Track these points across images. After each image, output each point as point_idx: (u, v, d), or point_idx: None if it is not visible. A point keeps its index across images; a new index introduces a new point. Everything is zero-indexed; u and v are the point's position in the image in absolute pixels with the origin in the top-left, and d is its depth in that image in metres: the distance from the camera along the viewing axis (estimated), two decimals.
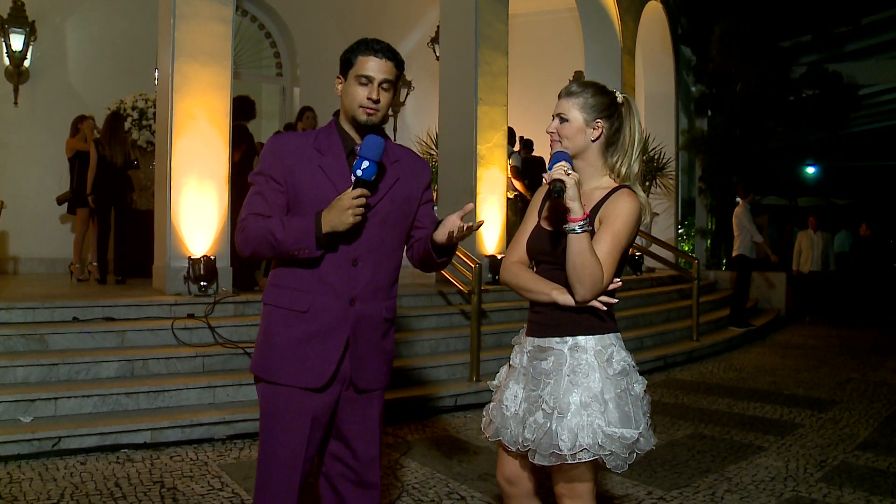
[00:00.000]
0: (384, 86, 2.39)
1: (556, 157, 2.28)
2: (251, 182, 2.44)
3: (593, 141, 2.39)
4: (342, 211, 2.24)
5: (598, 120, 2.37)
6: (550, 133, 2.41)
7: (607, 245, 2.26)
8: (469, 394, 5.92)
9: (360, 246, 2.40)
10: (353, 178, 2.28)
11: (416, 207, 2.55)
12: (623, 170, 2.40)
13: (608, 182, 2.41)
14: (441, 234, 2.37)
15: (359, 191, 2.24)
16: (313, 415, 2.41)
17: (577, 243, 2.18)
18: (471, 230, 2.32)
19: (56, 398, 4.75)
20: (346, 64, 2.42)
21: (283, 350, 2.39)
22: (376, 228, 2.41)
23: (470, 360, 6.14)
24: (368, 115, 2.37)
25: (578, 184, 2.19)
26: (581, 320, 2.31)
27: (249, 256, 2.45)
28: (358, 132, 2.43)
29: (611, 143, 2.41)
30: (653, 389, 6.64)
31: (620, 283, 2.32)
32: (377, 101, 2.37)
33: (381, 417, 2.58)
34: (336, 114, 2.56)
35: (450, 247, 2.43)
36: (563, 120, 2.38)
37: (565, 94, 2.41)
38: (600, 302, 2.26)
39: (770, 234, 14.27)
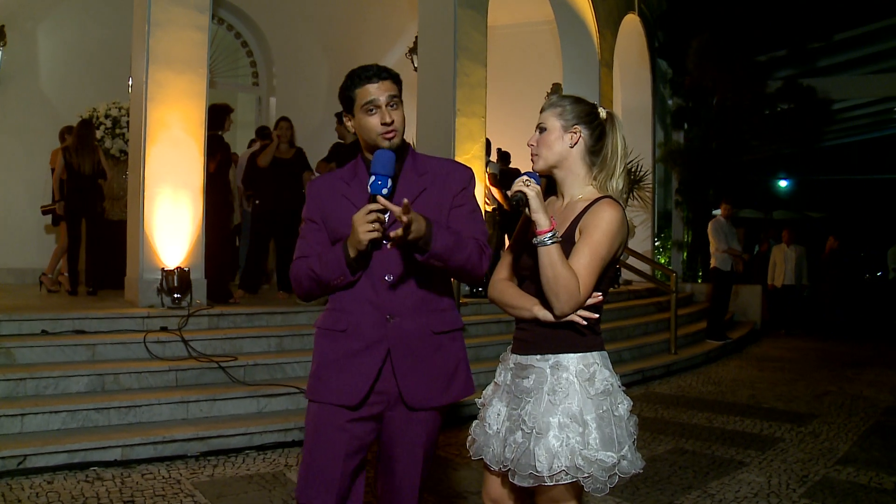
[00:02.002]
0: (392, 104, 2.38)
1: (525, 174, 2.23)
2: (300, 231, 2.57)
3: (572, 147, 2.33)
4: (355, 230, 2.25)
5: (576, 126, 2.33)
6: (530, 146, 2.38)
7: (585, 257, 2.18)
8: None
9: (392, 261, 2.39)
10: (372, 193, 2.28)
11: (447, 213, 2.44)
12: (609, 185, 2.35)
13: (591, 192, 2.34)
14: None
15: (367, 206, 2.24)
16: (352, 433, 2.40)
17: (546, 256, 2.13)
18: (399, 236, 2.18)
19: (23, 414, 4.59)
20: (348, 101, 2.42)
21: (325, 369, 2.44)
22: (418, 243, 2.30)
23: None
24: (389, 139, 2.36)
25: (539, 195, 2.14)
26: (563, 337, 2.24)
27: (305, 296, 2.51)
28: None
29: (592, 151, 2.35)
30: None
31: (601, 298, 2.25)
32: (391, 123, 2.36)
33: (428, 441, 2.50)
34: (359, 149, 2.54)
35: (413, 243, 2.24)
36: (542, 130, 2.36)
37: (546, 106, 2.40)
38: (579, 316, 2.19)
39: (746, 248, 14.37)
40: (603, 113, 2.38)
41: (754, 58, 13.20)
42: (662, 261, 13.90)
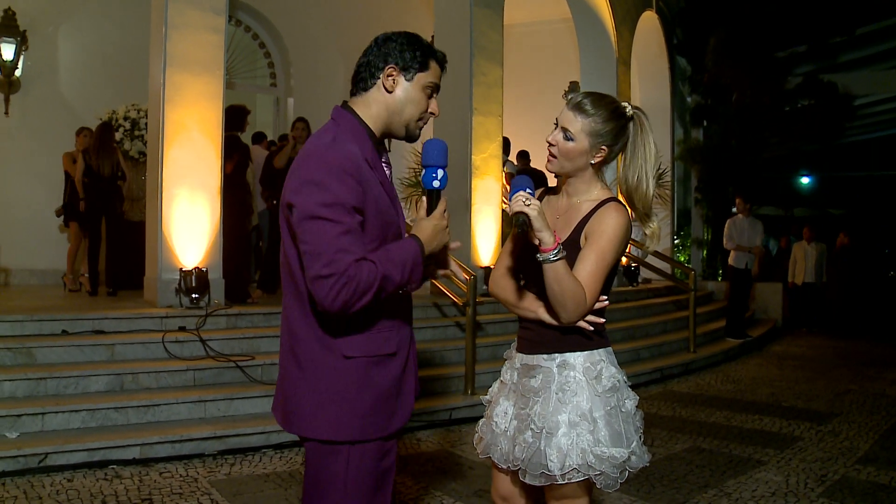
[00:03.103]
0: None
1: (516, 185, 2.13)
2: (321, 216, 1.89)
3: (593, 164, 2.29)
4: (440, 231, 2.06)
5: (604, 147, 2.25)
6: (550, 146, 2.28)
7: (591, 264, 2.16)
8: (464, 407, 5.83)
9: None
10: (429, 189, 2.08)
11: None
12: (643, 192, 2.29)
13: (597, 194, 2.31)
14: None
15: (442, 207, 2.06)
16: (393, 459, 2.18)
17: (551, 272, 2.09)
18: None
19: (43, 413, 4.66)
20: (418, 63, 2.08)
21: (382, 399, 2.06)
22: None
23: (465, 372, 6.07)
24: (421, 129, 2.14)
25: (541, 212, 2.07)
26: (569, 337, 2.24)
27: (355, 311, 1.92)
28: (381, 139, 2.15)
29: (607, 162, 2.32)
30: (650, 402, 6.57)
31: (608, 302, 2.25)
32: (436, 115, 2.14)
33: None
34: (349, 108, 2.13)
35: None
36: (567, 137, 2.24)
37: (574, 107, 2.23)
38: (587, 322, 2.19)
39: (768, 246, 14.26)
40: (630, 112, 2.28)
41: (774, 54, 13.08)
42: (682, 259, 13.83)
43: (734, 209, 10.29)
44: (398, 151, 12.54)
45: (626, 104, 2.28)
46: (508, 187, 9.41)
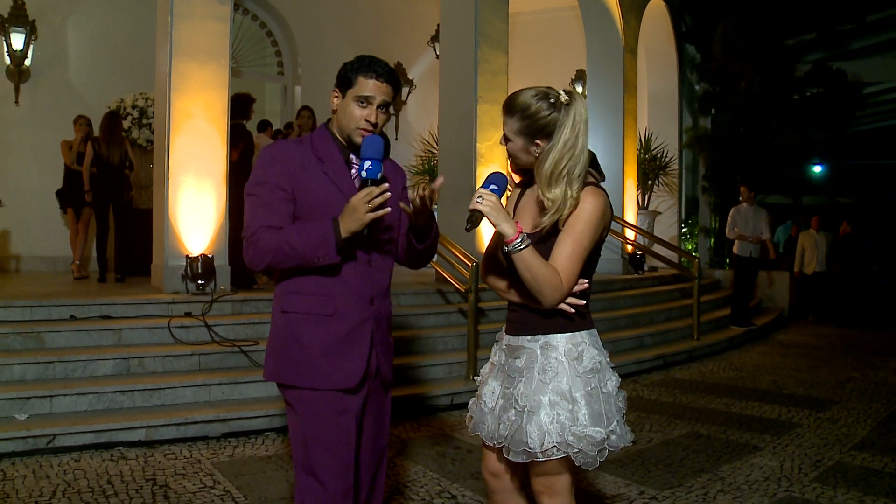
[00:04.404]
0: (382, 108, 2.41)
1: (487, 181, 2.23)
2: (252, 193, 2.41)
3: (538, 157, 2.28)
4: (354, 211, 2.26)
5: (537, 140, 2.25)
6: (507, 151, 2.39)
7: (568, 248, 2.22)
8: (465, 392, 5.90)
9: (373, 247, 2.47)
10: (358, 180, 2.34)
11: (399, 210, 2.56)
12: (570, 188, 2.22)
13: None
14: (413, 205, 2.37)
15: (367, 189, 2.25)
16: (355, 415, 2.45)
17: (520, 261, 2.18)
18: (434, 192, 2.32)
19: (52, 396, 4.77)
20: (346, 81, 2.42)
21: (315, 355, 2.39)
22: (383, 230, 2.48)
23: (467, 358, 6.14)
24: (364, 137, 2.38)
25: (496, 206, 2.14)
26: (553, 319, 2.30)
27: (265, 269, 2.42)
28: (351, 147, 2.46)
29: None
30: (651, 388, 6.63)
31: (587, 285, 2.30)
32: (375, 125, 2.40)
33: (389, 408, 2.67)
34: (328, 122, 2.56)
35: (426, 227, 2.45)
36: (506, 139, 2.33)
37: (503, 108, 2.31)
38: (568, 304, 2.25)
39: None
40: (564, 98, 2.23)
41: (783, 41, 13.02)
42: (689, 247, 13.82)
43: (740, 198, 10.29)
44: (406, 143, 12.62)
45: (554, 91, 2.25)
46: (514, 175, 9.46)
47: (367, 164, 2.29)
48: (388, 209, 2.27)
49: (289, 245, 2.31)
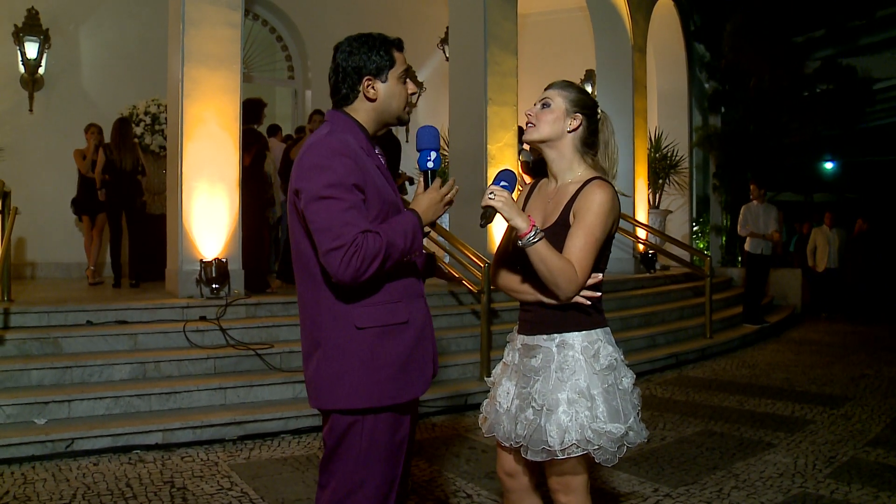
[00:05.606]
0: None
1: (497, 178, 2.29)
2: (328, 196, 2.06)
3: (570, 132, 2.41)
4: (436, 204, 2.23)
5: (578, 113, 2.40)
6: (528, 116, 2.45)
7: (580, 240, 2.27)
8: (479, 393, 5.93)
9: None
10: (424, 170, 2.28)
11: None
12: (611, 173, 2.46)
13: (581, 175, 2.42)
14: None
15: (449, 182, 2.25)
16: (412, 428, 2.35)
17: (534, 254, 2.22)
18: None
19: (70, 400, 4.83)
20: (384, 63, 2.24)
21: (395, 367, 2.19)
22: None
23: (480, 359, 6.17)
24: (410, 112, 2.33)
25: (508, 201, 2.20)
26: (568, 317, 2.33)
27: (368, 279, 2.07)
28: (374, 134, 2.33)
29: (585, 142, 2.43)
30: (664, 387, 6.63)
31: (601, 277, 2.34)
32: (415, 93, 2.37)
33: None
34: (340, 110, 2.32)
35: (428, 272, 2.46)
36: (545, 105, 2.42)
37: (554, 84, 2.46)
38: (583, 297, 2.28)
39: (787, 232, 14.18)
40: (600, 113, 2.47)
41: (792, 38, 12.99)
42: (701, 245, 13.79)
43: (751, 196, 10.28)
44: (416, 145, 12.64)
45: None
46: (525, 176, 9.48)
47: (433, 154, 2.27)
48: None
49: (393, 246, 2.09)
